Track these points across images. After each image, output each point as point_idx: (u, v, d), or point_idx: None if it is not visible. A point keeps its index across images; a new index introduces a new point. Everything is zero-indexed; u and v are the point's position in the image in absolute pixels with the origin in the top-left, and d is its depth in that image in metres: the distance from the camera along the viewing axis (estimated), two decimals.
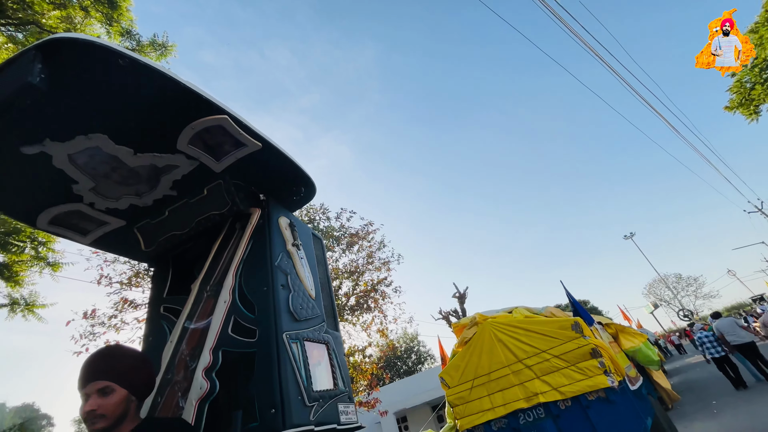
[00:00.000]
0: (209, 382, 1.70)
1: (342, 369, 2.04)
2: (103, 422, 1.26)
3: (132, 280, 7.82)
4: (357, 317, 10.44)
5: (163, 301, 2.13)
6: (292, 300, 1.88)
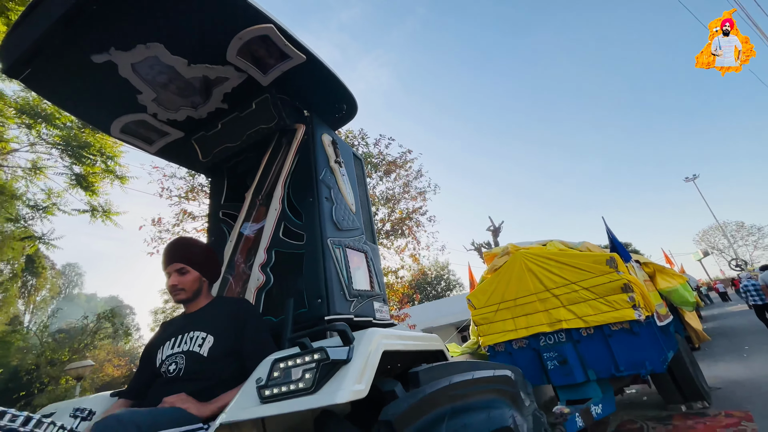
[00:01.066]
0: (264, 275, 1.97)
1: (378, 276, 2.26)
2: (183, 294, 1.57)
3: (188, 194, 8.57)
4: (391, 242, 10.93)
5: (221, 207, 2.39)
6: (334, 211, 2.04)
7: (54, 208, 9.09)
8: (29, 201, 9.15)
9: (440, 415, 0.88)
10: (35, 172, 8.45)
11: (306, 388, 0.87)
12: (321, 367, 0.89)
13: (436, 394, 0.94)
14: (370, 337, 1.06)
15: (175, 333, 1.53)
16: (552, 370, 4.63)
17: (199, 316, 1.57)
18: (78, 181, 8.28)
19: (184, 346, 1.45)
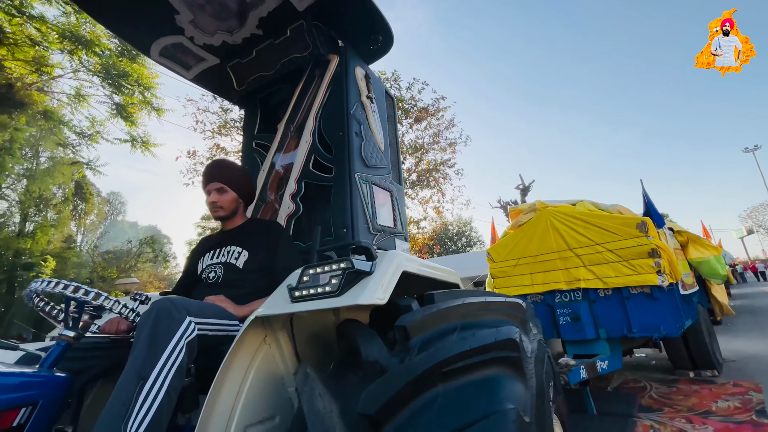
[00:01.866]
0: (294, 204, 2.07)
1: (401, 215, 2.32)
2: (222, 212, 1.69)
3: (221, 129, 8.76)
4: (416, 192, 10.93)
5: (254, 138, 2.45)
6: (363, 147, 2.05)
7: (98, 136, 9.57)
8: (75, 128, 9.65)
9: (452, 328, 0.96)
10: (79, 99, 8.79)
11: (332, 291, 0.97)
12: (346, 274, 0.98)
13: (449, 311, 1.02)
14: (392, 256, 1.14)
15: (215, 246, 1.68)
16: (563, 325, 4.74)
17: (236, 233, 1.71)
18: (118, 111, 8.58)
19: (222, 258, 1.60)
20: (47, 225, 19.89)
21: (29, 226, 19.70)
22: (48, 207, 20.83)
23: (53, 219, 21.01)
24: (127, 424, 0.80)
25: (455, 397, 0.75)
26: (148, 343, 0.89)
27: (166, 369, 0.90)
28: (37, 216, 20.35)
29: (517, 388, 0.80)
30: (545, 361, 1.07)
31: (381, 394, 0.75)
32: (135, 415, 0.81)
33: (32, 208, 19.91)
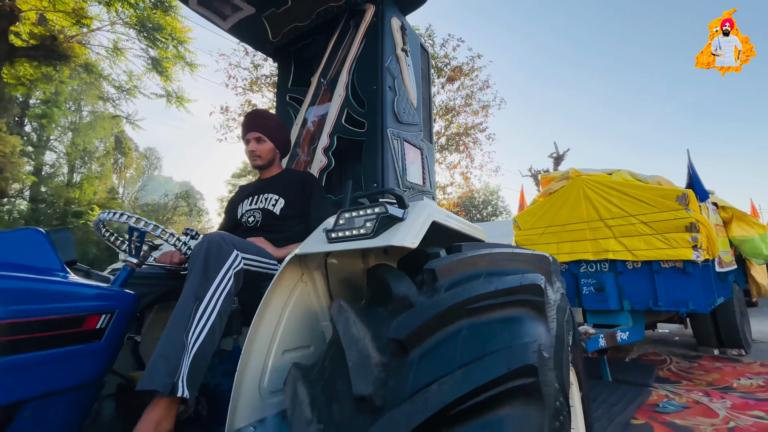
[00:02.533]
0: (327, 158, 2.12)
1: (430, 174, 2.32)
2: (259, 161, 1.77)
3: (252, 86, 8.79)
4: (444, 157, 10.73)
5: (288, 91, 2.47)
6: (396, 102, 2.04)
7: (135, 90, 9.85)
8: (114, 82, 9.95)
9: (478, 274, 1.01)
10: (116, 53, 8.98)
11: (366, 233, 1.03)
12: (380, 218, 1.03)
13: (476, 258, 1.06)
14: (423, 206, 1.18)
15: (254, 193, 1.78)
16: (586, 295, 4.73)
17: (273, 181, 1.79)
18: (154, 65, 8.73)
19: (260, 204, 1.70)
20: (92, 177, 21.13)
21: (76, 177, 21.00)
22: (92, 160, 22.01)
23: (97, 171, 22.24)
24: (188, 336, 0.92)
25: (479, 330, 0.81)
26: (202, 269, 1.00)
27: (218, 293, 1.01)
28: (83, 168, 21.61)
29: (538, 328, 0.85)
30: (566, 313, 1.11)
31: (410, 322, 0.82)
32: (193, 328, 0.93)
33: (78, 161, 21.13)
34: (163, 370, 0.85)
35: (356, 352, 0.82)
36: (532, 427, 0.67)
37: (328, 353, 0.97)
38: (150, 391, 0.85)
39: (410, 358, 0.80)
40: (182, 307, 0.95)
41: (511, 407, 0.68)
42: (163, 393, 0.84)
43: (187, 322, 0.93)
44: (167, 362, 0.87)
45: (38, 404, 0.79)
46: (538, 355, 0.73)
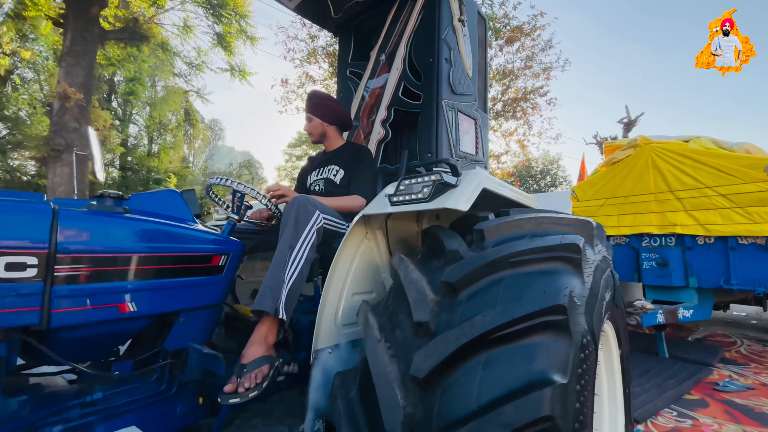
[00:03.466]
0: (384, 130, 2.28)
1: (484, 143, 2.39)
2: (312, 137, 2.04)
3: (309, 57, 9.04)
4: (499, 124, 10.31)
5: (348, 66, 2.63)
6: (452, 74, 2.11)
7: (203, 65, 10.58)
8: (185, 58, 10.75)
9: (523, 234, 1.14)
10: (186, 30, 9.65)
11: (423, 198, 1.20)
12: (436, 185, 1.19)
13: (522, 221, 1.19)
14: (475, 174, 1.31)
15: (320, 165, 2.02)
16: (647, 269, 4.54)
17: (334, 154, 2.02)
18: (219, 41, 9.28)
19: (324, 174, 1.95)
20: (167, 147, 23.31)
21: (154, 148, 23.30)
22: (166, 131, 24.18)
23: (170, 142, 24.44)
24: (284, 274, 1.19)
25: (519, 278, 0.96)
26: (294, 224, 1.26)
27: (305, 244, 1.27)
28: (159, 139, 23.86)
29: (573, 280, 0.98)
30: (606, 273, 1.20)
31: (460, 269, 0.99)
32: (288, 269, 1.20)
33: (155, 133, 23.36)
34: (269, 297, 1.13)
35: (415, 291, 1.02)
36: (559, 353, 0.83)
37: (390, 294, 1.19)
38: (259, 311, 1.13)
39: (459, 297, 0.98)
40: (280, 252, 1.22)
41: (542, 337, 0.85)
42: (269, 313, 1.12)
43: (284, 264, 1.20)
44: (272, 292, 1.14)
45: (188, 314, 1.11)
46: (569, 299, 0.87)
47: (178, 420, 1.16)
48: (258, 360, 1.14)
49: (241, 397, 1.07)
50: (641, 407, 2.78)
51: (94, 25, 7.58)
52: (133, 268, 0.99)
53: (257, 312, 1.15)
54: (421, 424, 0.83)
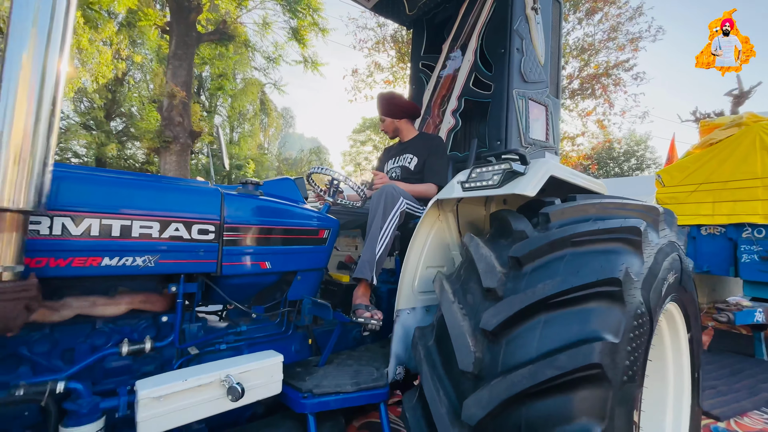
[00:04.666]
0: (455, 119, 2.44)
1: (554, 129, 2.42)
2: (389, 134, 2.30)
3: (377, 45, 9.27)
4: (575, 103, 9.60)
5: (420, 59, 2.80)
6: (523, 63, 2.18)
7: (279, 59, 11.39)
8: (264, 53, 11.65)
9: (587, 218, 1.26)
10: (265, 27, 10.44)
11: (493, 185, 1.37)
12: (505, 173, 1.35)
13: (587, 206, 1.30)
14: (543, 163, 1.44)
15: (396, 154, 2.27)
16: (746, 263, 4.11)
17: (409, 144, 2.25)
18: (293, 35, 9.91)
19: (400, 162, 2.19)
20: (246, 135, 25.49)
21: (235, 136, 25.63)
22: (245, 120, 26.39)
23: (249, 130, 26.64)
24: (376, 246, 1.48)
25: (580, 256, 1.10)
26: (383, 207, 1.53)
27: (391, 225, 1.53)
28: (239, 128, 26.16)
29: (632, 259, 1.08)
30: (671, 257, 1.26)
31: (526, 246, 1.16)
32: (379, 244, 1.48)
33: (235, 122, 25.66)
34: (368, 268, 1.45)
35: (484, 263, 1.22)
36: (612, 319, 0.97)
37: (461, 267, 1.39)
38: (360, 278, 1.45)
39: (524, 270, 1.16)
40: (372, 232, 1.51)
41: (597, 304, 0.99)
42: (367, 279, 1.43)
43: (376, 240, 1.49)
44: (369, 263, 1.45)
45: (303, 273, 1.45)
46: (624, 274, 1.00)
47: (292, 356, 1.52)
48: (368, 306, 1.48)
49: (376, 321, 1.43)
50: (726, 405, 2.66)
51: (192, 29, 8.61)
52: (268, 236, 1.34)
53: (358, 279, 1.46)
54: (489, 366, 1.04)
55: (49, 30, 0.82)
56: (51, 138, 0.84)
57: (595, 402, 0.91)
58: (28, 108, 0.81)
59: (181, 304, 1.17)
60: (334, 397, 1.25)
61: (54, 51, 0.83)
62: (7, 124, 0.79)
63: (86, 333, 1.09)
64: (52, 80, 0.84)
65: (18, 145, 0.80)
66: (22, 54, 0.80)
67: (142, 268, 1.05)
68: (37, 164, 0.82)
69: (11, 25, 0.81)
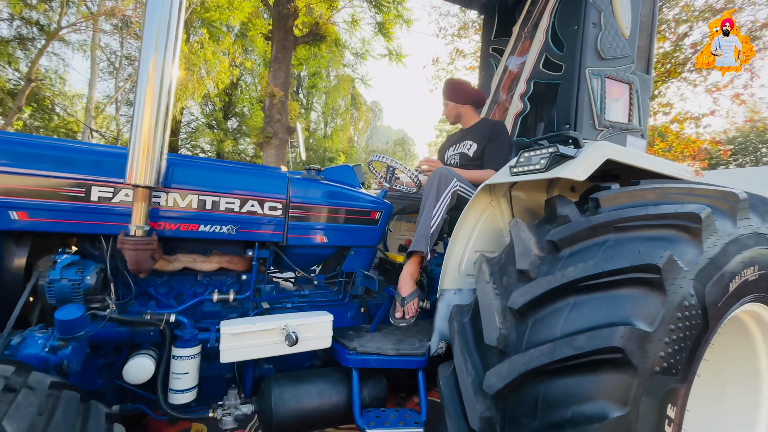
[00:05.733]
0: (523, 103, 2.35)
1: (641, 109, 2.16)
2: (449, 120, 2.31)
3: (460, 31, 9.03)
4: (703, 76, 8.02)
5: (491, 43, 2.74)
6: (600, 38, 1.99)
7: (366, 54, 11.87)
8: (352, 49, 12.26)
9: (642, 204, 1.16)
10: (354, 24, 10.95)
11: (539, 168, 1.35)
12: (552, 156, 1.32)
13: (646, 192, 1.19)
14: (598, 146, 1.36)
15: (456, 141, 2.29)
16: None
17: (471, 130, 2.25)
18: (379, 29, 10.22)
19: (459, 149, 2.21)
20: (338, 129, 27.13)
21: (328, 131, 27.46)
22: (337, 115, 28.06)
23: (340, 125, 28.26)
24: (430, 222, 1.58)
25: (624, 242, 1.04)
26: (436, 189, 1.62)
27: (444, 204, 1.62)
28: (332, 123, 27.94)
29: (686, 249, 0.99)
30: (754, 250, 1.09)
31: (565, 230, 1.13)
32: (432, 221, 1.59)
33: (329, 117, 27.47)
34: (423, 242, 1.57)
35: (522, 246, 1.23)
36: (648, 308, 0.92)
37: (504, 250, 1.41)
38: (415, 251, 1.59)
39: (561, 254, 1.14)
40: (427, 209, 1.62)
41: (632, 290, 0.95)
42: (422, 253, 1.56)
43: (430, 217, 1.59)
44: (423, 238, 1.57)
45: (356, 249, 1.64)
46: (667, 261, 0.93)
47: (348, 321, 1.73)
48: (412, 294, 1.60)
49: (407, 321, 1.57)
50: None
51: (290, 34, 9.51)
52: (325, 215, 1.55)
53: (414, 252, 1.59)
54: (514, 343, 1.08)
55: (165, 48, 1.11)
56: (165, 133, 1.15)
57: (615, 386, 0.89)
58: (152, 111, 1.11)
59: (256, 266, 1.45)
60: (375, 357, 1.41)
61: (168, 67, 1.13)
62: (139, 123, 1.11)
63: (191, 282, 1.44)
64: (166, 89, 1.13)
65: (146, 139, 1.11)
66: (148, 70, 1.11)
67: (226, 234, 1.34)
68: (157, 153, 1.13)
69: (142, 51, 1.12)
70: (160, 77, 1.11)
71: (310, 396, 1.32)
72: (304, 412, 1.29)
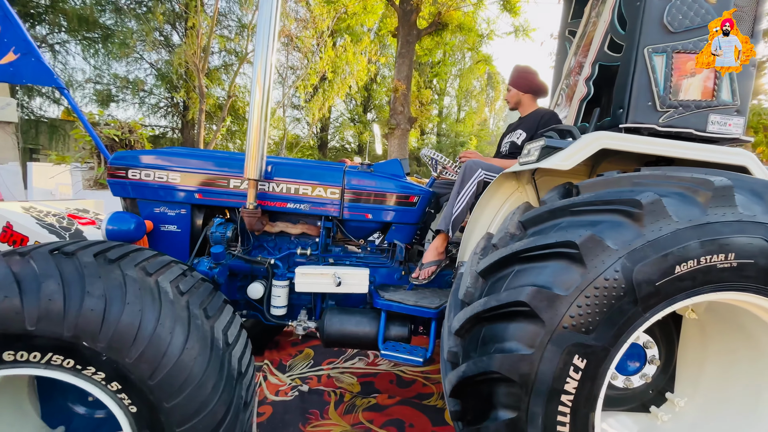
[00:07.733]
0: (587, 87, 2.30)
1: (736, 81, 1.88)
2: (509, 105, 2.43)
3: None
4: None
5: (567, 25, 2.67)
6: (669, 10, 1.84)
7: (492, 33, 11.47)
8: (478, 30, 12.02)
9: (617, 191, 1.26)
10: (478, 5, 10.74)
11: (532, 160, 1.53)
12: (542, 149, 1.48)
13: (621, 179, 1.24)
14: (593, 136, 1.45)
15: (512, 129, 2.45)
16: None
17: (524, 119, 2.38)
18: (504, 6, 9.77)
19: (511, 138, 2.37)
20: (471, 112, 26.59)
21: (461, 114, 27.18)
22: (472, 98, 27.45)
23: (474, 107, 27.56)
24: (453, 206, 1.93)
25: (574, 225, 1.20)
26: (462, 177, 1.94)
27: (468, 190, 1.94)
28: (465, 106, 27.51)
29: (622, 231, 1.09)
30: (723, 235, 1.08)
31: (531, 213, 1.35)
32: (456, 203, 1.93)
33: (462, 100, 27.11)
34: (446, 222, 1.94)
35: (504, 226, 1.49)
36: (567, 277, 1.12)
37: None
38: (438, 230, 1.97)
39: (527, 233, 1.37)
40: (452, 195, 1.97)
41: (556, 262, 1.15)
42: (445, 232, 1.93)
43: (454, 202, 1.94)
44: (446, 218, 1.94)
45: (396, 225, 2.11)
46: (587, 239, 1.10)
47: (394, 281, 2.22)
48: (430, 263, 1.99)
49: (420, 282, 1.98)
50: None
51: (413, 29, 10.08)
52: (371, 197, 2.06)
53: (437, 231, 1.97)
54: (476, 298, 1.39)
55: (265, 60, 1.78)
56: (264, 144, 1.85)
57: (526, 332, 1.15)
58: (259, 117, 1.81)
59: (323, 233, 2.09)
60: (397, 304, 1.87)
61: (265, 101, 1.81)
62: (251, 139, 1.83)
63: (286, 241, 2.18)
64: (264, 118, 1.83)
65: (254, 140, 1.83)
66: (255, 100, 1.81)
67: (303, 210, 2.02)
68: (261, 152, 1.85)
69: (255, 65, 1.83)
70: (262, 111, 1.81)
71: (350, 323, 1.90)
72: (344, 333, 1.87)
